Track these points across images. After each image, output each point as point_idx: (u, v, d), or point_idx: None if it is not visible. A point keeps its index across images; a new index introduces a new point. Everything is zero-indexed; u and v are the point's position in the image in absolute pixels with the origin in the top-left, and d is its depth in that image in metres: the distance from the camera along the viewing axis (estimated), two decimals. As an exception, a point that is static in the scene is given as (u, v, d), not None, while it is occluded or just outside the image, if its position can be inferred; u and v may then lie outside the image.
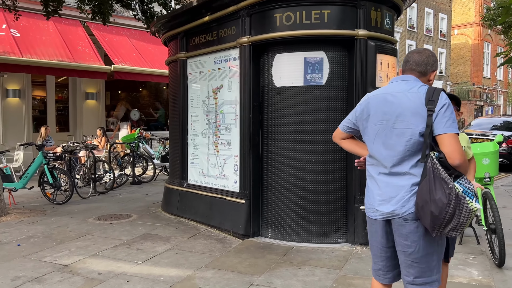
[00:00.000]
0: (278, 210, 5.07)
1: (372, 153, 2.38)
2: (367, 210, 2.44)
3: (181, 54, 6.24)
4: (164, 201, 6.87)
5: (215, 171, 5.79)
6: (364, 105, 2.43)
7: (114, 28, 13.80)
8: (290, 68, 4.94)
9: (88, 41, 12.68)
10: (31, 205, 7.58)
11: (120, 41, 13.64)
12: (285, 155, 4.99)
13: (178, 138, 6.49)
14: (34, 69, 10.86)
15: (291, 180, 4.97)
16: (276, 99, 5.04)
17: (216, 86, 5.74)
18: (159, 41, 14.84)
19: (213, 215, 5.66)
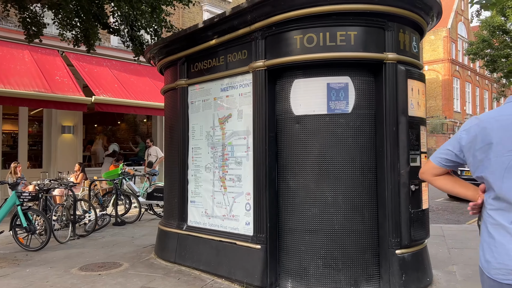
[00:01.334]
0: (300, 257, 4.40)
1: (501, 193, 1.80)
2: (494, 270, 1.83)
3: (181, 81, 5.65)
4: (159, 246, 6.07)
5: (222, 211, 5.10)
6: (477, 131, 1.87)
7: (94, 58, 13.17)
8: (311, 95, 4.42)
9: (67, 71, 11.94)
10: (0, 253, 6.61)
11: (100, 72, 12.96)
12: (308, 192, 4.38)
13: (176, 174, 5.78)
14: (7, 100, 9.99)
15: (315, 221, 4.34)
16: (295, 129, 4.47)
17: (223, 116, 5.14)
18: (142, 73, 14.39)
19: (221, 263, 4.92)
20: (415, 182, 4.37)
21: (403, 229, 4.27)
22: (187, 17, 16.58)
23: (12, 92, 9.89)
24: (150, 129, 16.44)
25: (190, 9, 16.98)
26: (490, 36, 15.40)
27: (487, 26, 15.28)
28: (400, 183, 4.27)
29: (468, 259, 5.78)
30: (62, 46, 12.47)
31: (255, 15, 4.51)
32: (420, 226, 4.44)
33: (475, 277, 4.98)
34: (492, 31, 15.50)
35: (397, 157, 4.28)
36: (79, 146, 13.58)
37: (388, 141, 4.28)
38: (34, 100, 10.41)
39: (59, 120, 13.03)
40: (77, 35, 8.34)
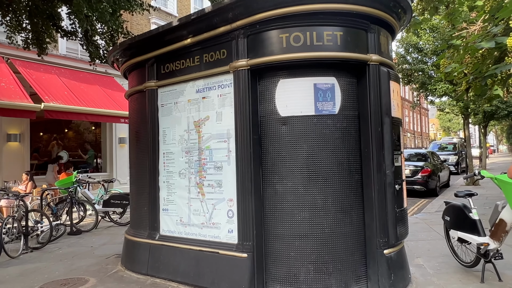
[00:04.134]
0: (290, 263, 3.76)
1: None
2: None
3: (150, 83, 4.77)
4: (127, 257, 5.10)
5: (201, 219, 4.31)
6: None
7: (42, 65, 11.59)
8: (298, 96, 3.81)
9: (13, 78, 10.30)
10: None
11: (49, 79, 11.41)
12: (297, 195, 3.75)
13: (145, 181, 4.88)
14: None
15: (305, 225, 3.72)
16: (282, 131, 3.83)
17: (200, 118, 4.37)
18: (92, 81, 12.93)
19: (201, 273, 4.13)
20: (398, 182, 3.94)
21: (390, 228, 3.81)
22: (135, 28, 15.32)
23: (-49, 98, 8.22)
24: (99, 137, 14.93)
25: (138, 21, 15.78)
26: (406, 53, 15.97)
27: (404, 44, 15.82)
28: (386, 183, 3.81)
29: (427, 251, 5.52)
30: (7, 53, 10.80)
31: (238, 13, 3.82)
32: (403, 224, 4.02)
33: (443, 269, 4.69)
34: (406, 48, 16.08)
35: (383, 158, 3.81)
36: (26, 155, 11.84)
37: (374, 142, 3.80)
38: (-23, 107, 8.77)
39: (4, 128, 11.25)
40: (28, 38, 7.02)
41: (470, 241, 4.36)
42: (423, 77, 15.32)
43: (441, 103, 21.18)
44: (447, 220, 4.80)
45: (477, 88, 6.26)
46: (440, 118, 53.41)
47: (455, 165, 20.47)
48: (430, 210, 9.18)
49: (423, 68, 15.13)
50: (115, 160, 14.10)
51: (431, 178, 12.40)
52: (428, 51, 14.91)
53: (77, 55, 13.00)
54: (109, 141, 14.18)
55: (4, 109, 9.28)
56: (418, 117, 56.98)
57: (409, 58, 15.96)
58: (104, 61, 7.57)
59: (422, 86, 15.53)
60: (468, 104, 14.33)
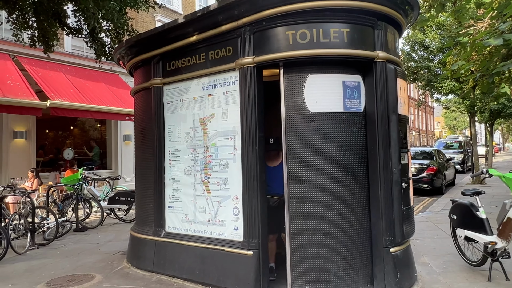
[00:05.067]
0: (319, 261, 3.69)
1: None
2: None
3: (156, 80, 4.77)
4: (133, 254, 5.11)
5: (206, 216, 4.31)
6: None
7: (47, 63, 11.62)
8: (328, 92, 3.79)
9: (20, 76, 10.35)
10: (-51, 270, 5.27)
11: (55, 76, 11.45)
12: (327, 193, 3.71)
13: (150, 178, 4.89)
14: (-47, 104, 8.34)
15: (335, 222, 3.70)
16: (311, 127, 3.75)
17: (205, 115, 4.36)
18: (97, 78, 12.96)
19: (207, 271, 4.13)
20: (405, 180, 3.91)
21: (396, 227, 3.79)
22: (140, 26, 15.32)
23: (-42, 95, 8.28)
24: (104, 134, 14.98)
25: (143, 18, 15.79)
26: (411, 50, 15.86)
27: (409, 42, 15.71)
28: (393, 181, 3.78)
29: (433, 250, 5.49)
30: (13, 50, 10.85)
31: (243, 10, 3.80)
32: (410, 222, 4.00)
33: (449, 267, 4.66)
34: (412, 46, 15.97)
35: (389, 156, 3.79)
36: (33, 152, 11.91)
37: (381, 140, 3.78)
38: (-16, 104, 8.83)
39: (11, 125, 11.31)
40: (34, 35, 7.04)
41: (477, 240, 4.32)
42: (429, 75, 15.21)
43: (447, 101, 21.04)
44: (454, 219, 4.76)
45: (484, 85, 6.20)
46: (445, 116, 53.06)
47: (461, 164, 20.35)
48: (436, 208, 9.13)
49: (429, 65, 15.02)
50: (120, 157, 14.15)
51: (437, 176, 12.33)
52: (434, 48, 14.80)
53: (83, 52, 13.04)
54: (114, 139, 14.23)
55: (10, 106, 9.33)
56: (423, 115, 56.68)
57: (415, 56, 15.85)
58: (110, 59, 7.59)
59: (428, 84, 15.42)
60: (475, 102, 14.22)
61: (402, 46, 16.82)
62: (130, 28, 7.86)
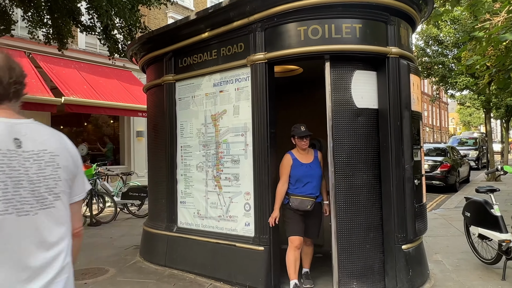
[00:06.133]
0: (365, 256, 3.74)
1: None
2: None
3: (168, 76, 4.81)
4: (145, 249, 5.19)
5: (218, 212, 4.35)
6: None
7: (62, 60, 11.80)
8: (368, 88, 3.82)
9: (35, 73, 10.53)
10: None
11: (69, 73, 11.62)
12: (372, 187, 3.78)
13: (163, 174, 4.94)
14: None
15: (378, 216, 3.80)
16: (358, 123, 3.77)
17: (217, 112, 4.39)
18: (110, 75, 13.11)
19: (218, 266, 4.17)
20: (418, 177, 3.88)
21: (409, 224, 3.76)
22: (153, 23, 15.42)
23: (-24, 92, 8.46)
24: (117, 130, 15.16)
25: (155, 15, 15.88)
26: (425, 45, 15.63)
27: (423, 37, 15.49)
28: (405, 178, 3.76)
29: (446, 247, 5.44)
30: (28, 48, 11.04)
31: (255, 6, 3.80)
32: (422, 219, 3.97)
33: (462, 265, 4.61)
34: (426, 41, 15.74)
35: (402, 152, 3.76)
36: (48, 147, 12.10)
37: (393, 136, 3.75)
38: (0, 101, 8.99)
39: (27, 122, 11.52)
40: (49, 33, 7.15)
41: (491, 238, 4.27)
42: (443, 70, 14.98)
43: (462, 97, 20.69)
44: (468, 216, 4.71)
45: (500, 81, 6.09)
46: (460, 112, 52.21)
47: (475, 160, 20.03)
48: (449, 206, 9.03)
49: (443, 61, 14.78)
50: (133, 153, 14.31)
51: (450, 173, 12.17)
52: (448, 43, 14.55)
53: (96, 49, 13.19)
54: (127, 135, 14.40)
55: (26, 103, 9.41)
56: (437, 111, 55.87)
57: (429, 51, 15.61)
58: (123, 55, 7.67)
59: (442, 80, 15.19)
60: (490, 98, 13.96)
61: (416, 41, 16.60)
62: (143, 25, 7.92)
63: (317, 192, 3.78)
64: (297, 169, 3.75)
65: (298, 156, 3.82)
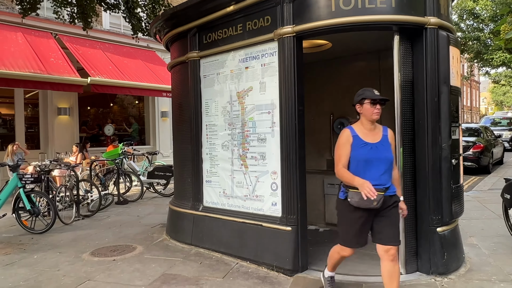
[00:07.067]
0: None
1: None
2: None
3: (193, 53, 4.70)
4: (171, 227, 5.22)
5: (244, 191, 4.28)
6: None
7: (87, 41, 11.89)
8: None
9: (61, 54, 10.65)
10: (4, 237, 5.63)
11: (94, 54, 11.70)
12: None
13: (188, 153, 4.90)
14: (2, 81, 8.72)
15: None
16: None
17: (243, 89, 4.26)
18: (135, 55, 13.13)
19: (244, 245, 4.13)
20: (455, 156, 3.67)
21: (445, 205, 3.58)
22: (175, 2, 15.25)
23: (7, 73, 8.65)
24: (142, 111, 15.30)
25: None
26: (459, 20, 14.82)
27: (457, 10, 14.68)
28: (442, 157, 3.55)
29: (481, 230, 5.20)
30: (55, 29, 11.15)
31: (283, -24, 3.60)
32: (459, 201, 3.76)
33: (499, 249, 4.40)
34: (461, 15, 14.92)
35: (439, 130, 3.54)
36: (76, 127, 12.38)
37: (430, 113, 3.53)
38: (30, 82, 9.18)
39: (55, 102, 11.78)
40: (73, 12, 7.15)
41: (533, 221, 4.03)
42: (479, 46, 14.21)
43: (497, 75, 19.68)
44: (507, 198, 4.46)
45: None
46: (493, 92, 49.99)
47: (509, 141, 19.17)
48: (483, 188, 8.67)
49: (478, 36, 14.01)
50: (158, 133, 14.44)
51: (484, 154, 11.67)
52: (485, 17, 13.73)
53: (120, 29, 13.20)
54: (152, 115, 14.51)
55: (54, 83, 9.67)
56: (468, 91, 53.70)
57: (463, 26, 14.81)
58: (146, 34, 7.60)
59: (477, 56, 14.44)
60: (529, 75, 13.19)
61: (449, 15, 15.74)
62: (166, 2, 7.81)
63: (388, 182, 2.77)
64: (358, 150, 2.78)
65: (361, 132, 2.83)
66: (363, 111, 2.82)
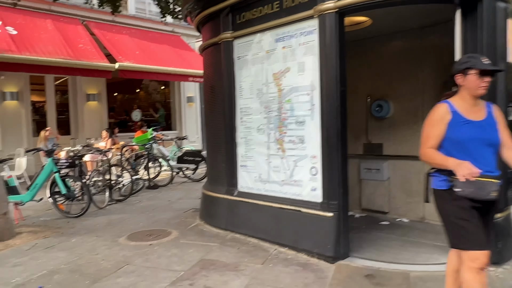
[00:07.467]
0: None
1: None
2: None
3: (226, 34, 4.54)
4: (205, 212, 5.17)
5: (281, 176, 4.15)
6: None
7: (114, 26, 11.90)
8: None
9: (90, 40, 10.71)
10: (42, 220, 5.75)
11: (121, 39, 11.71)
12: None
13: (222, 137, 4.80)
14: (34, 67, 8.86)
15: None
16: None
17: (279, 70, 4.09)
18: (161, 40, 13.07)
19: (282, 231, 4.02)
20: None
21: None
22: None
23: (38, 60, 8.77)
24: (168, 96, 15.34)
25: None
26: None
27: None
28: (497, 140, 3.29)
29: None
30: (82, 15, 11.21)
31: None
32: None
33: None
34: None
35: (494, 110, 3.28)
36: (105, 113, 12.54)
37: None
38: (60, 68, 9.30)
39: (84, 89, 11.93)
40: (101, -4, 7.11)
41: None
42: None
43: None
44: None
45: None
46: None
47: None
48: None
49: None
50: (184, 118, 14.46)
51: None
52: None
53: (145, 14, 13.15)
54: (178, 100, 14.52)
55: (83, 69, 9.75)
56: None
57: None
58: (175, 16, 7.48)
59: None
60: None
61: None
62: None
63: (496, 170, 2.27)
64: (459, 129, 2.25)
65: (462, 108, 2.30)
66: (466, 83, 2.28)
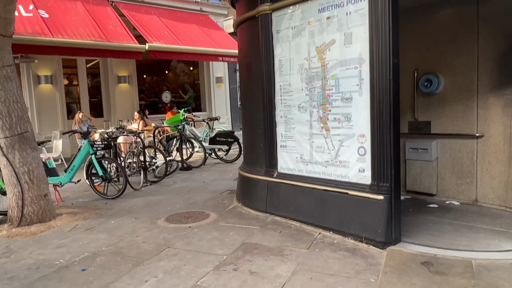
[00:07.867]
0: None
1: None
2: None
3: (264, 6, 4.28)
4: (243, 194, 5.04)
5: (325, 157, 3.92)
6: None
7: (142, 7, 11.79)
8: None
9: (119, 21, 10.63)
10: (80, 202, 5.80)
11: (150, 20, 11.58)
12: None
13: (260, 116, 4.60)
14: (67, 50, 8.88)
15: None
16: None
17: (323, 43, 3.80)
18: (189, 20, 12.84)
19: (327, 214, 3.83)
20: None
21: None
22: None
23: (70, 42, 8.77)
24: (197, 78, 15.22)
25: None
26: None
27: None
28: None
29: None
30: (111, -4, 11.14)
31: None
32: None
33: None
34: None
35: None
36: (135, 95, 12.58)
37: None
38: (92, 50, 9.29)
39: (115, 71, 11.97)
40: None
41: None
42: None
43: None
44: None
45: None
46: None
47: None
48: None
49: None
50: (213, 99, 14.35)
51: None
52: None
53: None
54: (207, 81, 14.39)
55: (114, 51, 9.72)
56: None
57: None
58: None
59: None
60: None
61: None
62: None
63: None
64: None
65: None
66: None
